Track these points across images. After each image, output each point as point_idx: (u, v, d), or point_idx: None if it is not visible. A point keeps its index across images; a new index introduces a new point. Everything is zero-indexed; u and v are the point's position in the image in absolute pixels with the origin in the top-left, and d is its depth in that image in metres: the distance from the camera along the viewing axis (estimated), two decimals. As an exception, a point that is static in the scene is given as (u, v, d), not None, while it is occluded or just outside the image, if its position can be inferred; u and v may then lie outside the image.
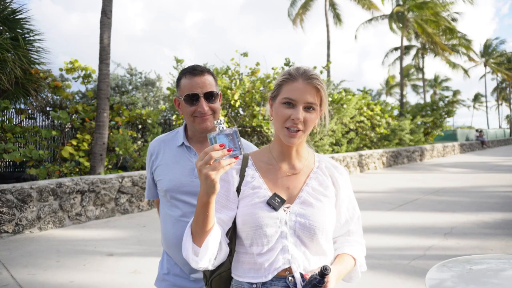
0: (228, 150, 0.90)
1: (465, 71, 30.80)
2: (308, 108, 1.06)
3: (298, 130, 1.06)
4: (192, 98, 1.37)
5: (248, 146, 1.49)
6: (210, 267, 1.05)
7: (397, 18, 20.62)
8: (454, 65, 29.00)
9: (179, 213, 1.41)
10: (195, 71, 1.39)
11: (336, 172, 1.18)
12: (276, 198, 1.07)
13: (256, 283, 1.05)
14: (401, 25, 20.92)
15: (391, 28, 21.91)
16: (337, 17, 20.81)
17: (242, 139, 1.52)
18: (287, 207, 1.08)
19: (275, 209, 1.05)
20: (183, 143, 1.46)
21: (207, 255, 0.99)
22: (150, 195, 1.61)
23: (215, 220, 1.02)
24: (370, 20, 22.38)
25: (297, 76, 1.07)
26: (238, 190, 1.13)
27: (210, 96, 1.39)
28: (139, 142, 8.68)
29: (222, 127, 0.94)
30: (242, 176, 1.14)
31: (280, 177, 1.14)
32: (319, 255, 1.07)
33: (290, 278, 1.03)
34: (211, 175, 0.89)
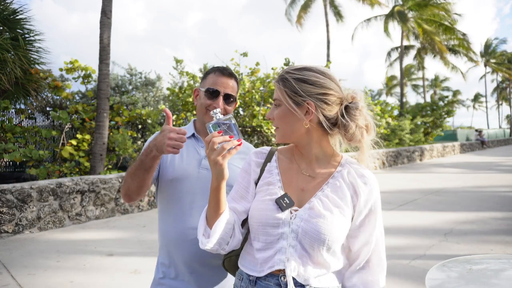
0: (230, 137, 0.98)
1: (463, 75, 30.80)
2: (275, 105, 1.11)
3: (276, 128, 1.11)
4: (212, 94, 1.45)
5: (251, 149, 1.53)
6: (222, 251, 1.09)
7: (398, 17, 20.61)
8: (453, 67, 28.96)
9: (182, 208, 1.40)
10: (224, 71, 1.50)
11: (360, 181, 1.07)
12: (285, 198, 1.05)
13: (252, 276, 1.07)
14: (399, 24, 20.91)
15: (386, 30, 21.88)
16: (338, 15, 20.76)
17: (245, 142, 1.58)
18: (295, 210, 1.05)
19: (281, 209, 1.04)
20: (193, 133, 1.51)
21: (213, 237, 1.04)
22: None
23: (226, 205, 1.07)
24: (369, 19, 22.38)
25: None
26: (257, 183, 1.15)
27: (228, 98, 1.48)
28: (139, 142, 8.68)
29: (219, 116, 1.03)
30: (262, 171, 1.16)
31: (296, 178, 1.11)
32: (320, 265, 1.04)
33: (282, 277, 1.02)
34: (218, 160, 0.97)
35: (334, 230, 1.00)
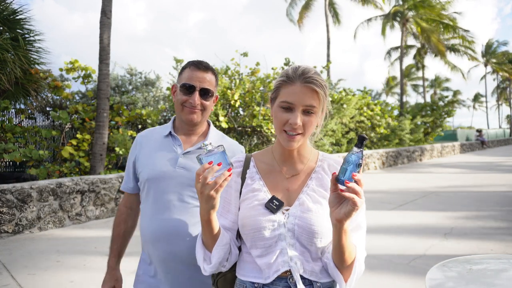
0: (218, 165, 0.95)
1: (463, 75, 30.77)
2: (307, 111, 1.03)
3: (297, 134, 1.04)
4: (188, 89, 1.40)
5: (234, 146, 1.51)
6: (222, 269, 1.09)
7: (396, 17, 20.59)
8: (453, 67, 28.94)
9: (159, 207, 1.39)
10: (200, 65, 1.43)
11: (338, 166, 1.13)
12: (274, 201, 1.06)
13: (257, 283, 1.06)
14: (398, 24, 20.90)
15: (383, 33, 21.87)
16: (336, 17, 20.79)
17: (229, 139, 1.55)
18: (286, 210, 1.07)
19: (273, 212, 1.05)
20: (170, 132, 1.47)
21: (214, 261, 1.05)
22: (128, 186, 1.56)
23: (219, 228, 1.06)
24: (369, 19, 22.39)
25: (295, 78, 1.03)
26: (241, 192, 1.13)
27: (205, 92, 1.41)
28: (139, 142, 8.66)
29: (209, 148, 1.00)
30: (243, 179, 1.15)
31: (280, 179, 1.12)
32: (320, 257, 1.06)
33: (290, 279, 1.03)
34: (212, 194, 0.94)
35: (325, 220, 1.03)
